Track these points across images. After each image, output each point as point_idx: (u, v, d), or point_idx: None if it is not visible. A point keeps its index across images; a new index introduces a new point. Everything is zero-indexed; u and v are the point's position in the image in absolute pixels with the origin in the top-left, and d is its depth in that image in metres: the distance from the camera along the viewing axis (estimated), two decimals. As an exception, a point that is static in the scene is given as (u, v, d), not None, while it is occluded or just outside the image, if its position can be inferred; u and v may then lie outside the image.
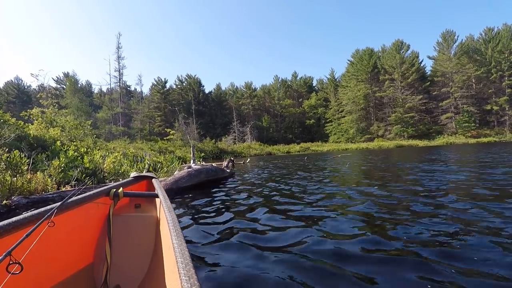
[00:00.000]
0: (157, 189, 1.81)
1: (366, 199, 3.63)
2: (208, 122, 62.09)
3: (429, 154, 14.43)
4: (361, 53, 62.81)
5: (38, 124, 12.07)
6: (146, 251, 1.61)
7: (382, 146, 43.36)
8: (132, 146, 20.74)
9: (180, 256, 0.82)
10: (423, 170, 6.78)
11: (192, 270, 0.73)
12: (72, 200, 1.40)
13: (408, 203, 3.35)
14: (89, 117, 33.38)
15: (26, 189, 4.35)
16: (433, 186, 4.36)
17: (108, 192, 1.68)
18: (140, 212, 1.75)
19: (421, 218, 2.68)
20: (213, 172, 6.47)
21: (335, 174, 7.18)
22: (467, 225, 2.41)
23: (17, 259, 0.89)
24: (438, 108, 55.09)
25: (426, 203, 3.26)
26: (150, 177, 2.33)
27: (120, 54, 50.96)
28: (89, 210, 1.56)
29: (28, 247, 1.03)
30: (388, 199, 3.64)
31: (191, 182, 5.47)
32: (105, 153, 9.86)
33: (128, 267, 1.56)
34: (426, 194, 3.78)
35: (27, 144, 7.49)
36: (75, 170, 5.78)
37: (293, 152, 41.41)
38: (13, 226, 1.07)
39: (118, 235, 1.62)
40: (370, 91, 59.49)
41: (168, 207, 1.39)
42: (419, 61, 57.16)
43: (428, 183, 4.68)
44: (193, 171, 5.81)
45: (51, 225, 1.14)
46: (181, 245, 0.91)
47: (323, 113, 67.58)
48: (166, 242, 1.24)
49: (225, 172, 7.08)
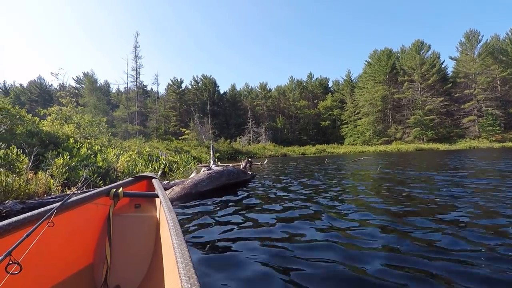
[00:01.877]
0: (157, 189, 1.81)
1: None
2: (223, 123, 62.12)
3: (456, 159, 13.62)
4: (379, 53, 61.33)
5: (52, 120, 12.03)
6: (146, 251, 1.60)
7: (401, 149, 42.07)
8: (148, 145, 20.71)
9: (180, 256, 0.82)
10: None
11: (192, 270, 0.73)
12: (72, 200, 1.39)
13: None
14: (106, 115, 33.77)
15: (24, 191, 3.81)
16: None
17: (108, 192, 1.67)
18: (140, 212, 1.74)
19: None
20: (234, 175, 5.98)
21: (371, 183, 5.94)
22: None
23: (17, 259, 0.87)
24: (460, 110, 53.06)
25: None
26: (150, 177, 2.31)
27: (138, 53, 51.44)
28: (89, 210, 1.56)
29: (28, 247, 1.03)
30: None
31: (211, 186, 4.97)
32: (119, 151, 9.68)
33: (128, 267, 1.55)
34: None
35: (39, 140, 7.28)
36: (84, 170, 5.44)
37: (309, 154, 40.68)
38: (13, 226, 1.07)
39: (118, 235, 1.61)
40: (388, 93, 57.95)
41: (168, 207, 1.38)
42: (440, 62, 55.22)
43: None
44: (214, 173, 5.35)
45: (51, 225, 1.13)
46: (181, 245, 0.91)
47: (339, 115, 66.40)
48: (166, 242, 1.23)
49: (247, 174, 6.66)
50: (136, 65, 51.97)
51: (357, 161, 15.09)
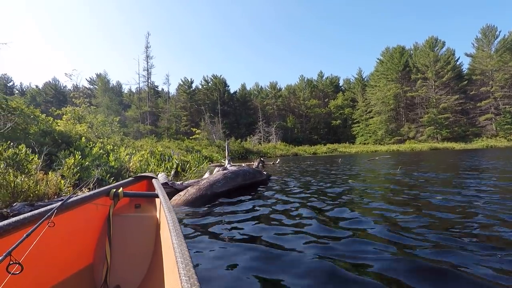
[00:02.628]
0: (157, 189, 1.80)
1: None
2: (233, 122, 62.16)
3: (475, 159, 13.09)
4: (392, 51, 60.23)
5: (66, 120, 12.10)
6: (146, 251, 1.59)
7: (415, 148, 41.14)
8: (160, 144, 20.75)
9: (180, 256, 0.82)
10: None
11: (192, 270, 0.73)
12: (72, 200, 1.39)
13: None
14: (118, 115, 34.14)
15: (34, 193, 3.63)
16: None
17: (108, 192, 1.67)
18: (140, 212, 1.73)
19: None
20: (250, 175, 5.69)
21: (395, 187, 5.23)
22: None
23: (17, 259, 0.88)
24: (476, 108, 51.57)
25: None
26: (150, 177, 2.30)
27: (149, 53, 52.08)
28: (89, 210, 1.56)
29: (28, 247, 1.03)
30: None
31: (227, 187, 4.72)
32: (131, 151, 9.61)
33: (128, 268, 1.54)
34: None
35: (52, 140, 7.25)
36: (96, 170, 5.31)
37: (320, 153, 40.21)
38: (13, 226, 1.07)
39: (118, 235, 1.60)
40: (400, 91, 56.85)
41: (168, 207, 1.37)
42: (455, 58, 53.85)
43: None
44: (229, 173, 5.08)
45: (51, 225, 1.13)
46: (181, 245, 0.90)
47: (350, 114, 65.56)
48: (166, 242, 1.22)
49: (262, 174, 6.44)
50: (147, 65, 52.78)
51: (373, 161, 14.69)
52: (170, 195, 4.88)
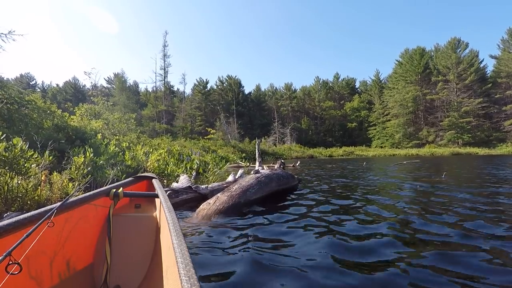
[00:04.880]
0: (157, 189, 1.77)
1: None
2: (247, 123, 61.74)
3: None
4: (411, 52, 58.44)
5: (81, 115, 11.77)
6: (146, 251, 1.58)
7: (435, 153, 39.51)
8: (177, 143, 20.42)
9: (180, 256, 0.82)
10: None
11: (192, 270, 0.73)
12: (72, 200, 1.38)
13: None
14: (135, 114, 34.33)
15: (32, 199, 3.02)
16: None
17: (108, 192, 1.65)
18: (140, 212, 1.72)
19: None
20: (284, 179, 5.01)
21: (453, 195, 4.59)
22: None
23: (17, 259, 0.88)
24: (500, 113, 49.22)
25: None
26: (150, 177, 2.27)
27: (166, 52, 52.12)
28: (89, 210, 1.55)
29: (28, 247, 1.02)
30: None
31: (261, 193, 4.09)
32: (148, 149, 9.15)
33: (128, 267, 1.53)
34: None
35: (65, 135, 6.80)
36: (111, 169, 4.78)
37: (336, 156, 39.25)
38: (13, 226, 1.06)
39: (118, 235, 1.58)
40: (420, 93, 54.98)
41: (168, 207, 1.36)
42: (479, 60, 51.61)
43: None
44: (263, 177, 4.43)
45: (51, 225, 1.13)
46: (181, 245, 0.90)
47: (366, 116, 63.97)
48: (166, 242, 1.21)
49: (295, 179, 5.83)
50: (164, 64, 52.66)
51: (401, 165, 13.82)
52: (194, 201, 4.33)
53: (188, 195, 4.33)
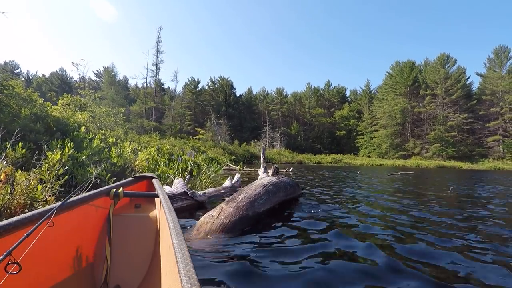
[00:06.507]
0: (157, 189, 1.76)
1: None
2: (237, 125, 61.14)
3: (498, 181, 12.02)
4: (402, 65, 59.61)
5: (63, 105, 10.94)
6: (146, 251, 1.57)
7: (421, 165, 40.15)
8: (167, 141, 19.66)
9: (180, 256, 0.82)
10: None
11: (192, 270, 0.73)
12: (72, 200, 1.37)
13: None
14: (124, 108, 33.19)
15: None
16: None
17: (108, 192, 1.63)
18: (140, 212, 1.71)
19: None
20: (291, 188, 4.56)
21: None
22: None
23: (17, 259, 0.87)
24: (484, 129, 50.75)
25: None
26: (150, 177, 2.24)
27: (159, 48, 50.94)
28: (89, 210, 1.53)
29: (28, 247, 1.02)
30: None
31: (269, 205, 3.59)
32: (137, 147, 8.50)
33: (128, 267, 1.52)
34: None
35: (45, 126, 6.06)
36: (95, 167, 4.05)
37: (325, 163, 39.26)
38: (13, 226, 1.05)
39: (118, 235, 1.57)
40: (408, 106, 56.02)
41: (168, 207, 1.35)
42: (466, 77, 53.12)
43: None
44: (270, 185, 3.90)
45: (51, 225, 1.12)
46: (181, 245, 0.90)
47: (355, 125, 64.61)
48: (166, 242, 1.21)
49: (299, 187, 5.41)
50: (157, 60, 51.41)
51: (395, 176, 13.64)
52: (190, 208, 3.83)
53: (183, 202, 3.83)
